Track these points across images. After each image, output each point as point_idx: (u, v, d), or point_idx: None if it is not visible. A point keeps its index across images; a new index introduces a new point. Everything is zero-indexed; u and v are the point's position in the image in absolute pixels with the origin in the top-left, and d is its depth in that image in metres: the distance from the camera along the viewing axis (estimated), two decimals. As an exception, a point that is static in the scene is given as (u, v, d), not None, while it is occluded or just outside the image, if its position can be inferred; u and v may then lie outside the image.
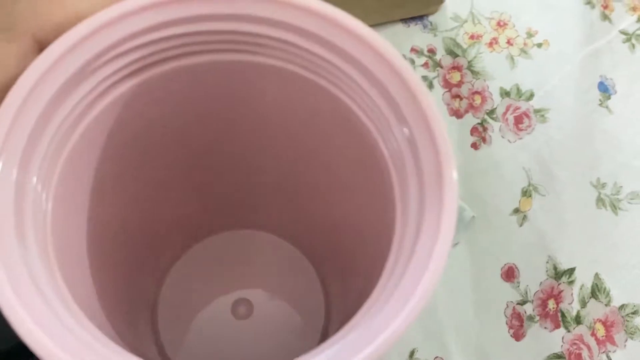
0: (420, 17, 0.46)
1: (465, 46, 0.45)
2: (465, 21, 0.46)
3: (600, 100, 0.44)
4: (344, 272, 0.32)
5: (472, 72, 0.44)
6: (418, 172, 0.19)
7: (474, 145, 0.42)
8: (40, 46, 0.19)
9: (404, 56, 0.45)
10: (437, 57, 0.45)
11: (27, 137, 0.18)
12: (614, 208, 0.41)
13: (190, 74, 0.23)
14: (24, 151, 0.18)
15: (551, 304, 0.38)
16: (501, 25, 0.46)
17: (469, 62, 0.45)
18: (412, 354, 0.36)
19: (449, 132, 0.24)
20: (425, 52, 0.45)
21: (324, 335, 0.34)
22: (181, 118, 0.25)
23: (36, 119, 0.19)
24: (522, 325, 0.37)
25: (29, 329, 0.16)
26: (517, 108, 0.43)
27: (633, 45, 0.46)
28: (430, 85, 0.44)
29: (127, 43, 0.20)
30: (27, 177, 0.19)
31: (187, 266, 0.35)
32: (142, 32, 0.20)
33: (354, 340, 0.17)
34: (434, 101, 0.20)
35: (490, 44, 0.46)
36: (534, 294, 0.38)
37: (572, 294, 0.38)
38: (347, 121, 0.23)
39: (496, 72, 0.45)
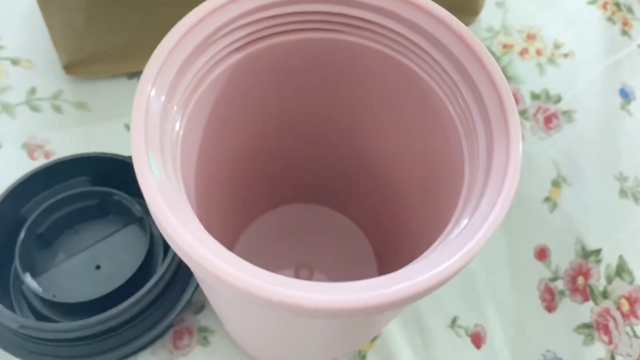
0: (458, 28, 0.51)
1: (498, 54, 0.50)
2: (499, 32, 0.51)
3: (621, 104, 0.48)
4: (398, 244, 0.36)
5: (506, 77, 0.49)
6: (483, 116, 0.24)
7: (508, 142, 0.47)
8: None
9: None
10: (473, 63, 0.50)
11: (172, 76, 0.23)
12: (636, 199, 0.45)
13: (288, 49, 0.27)
14: (170, 85, 0.23)
15: (580, 280, 0.41)
16: (531, 37, 0.51)
17: (502, 68, 0.49)
18: (454, 320, 0.40)
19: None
20: (462, 59, 0.50)
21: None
22: (275, 88, 0.30)
23: (180, 63, 0.23)
24: (553, 299, 0.41)
25: (164, 213, 0.20)
26: (547, 109, 0.48)
27: (651, 58, 0.51)
28: (467, 88, 0.49)
29: (240, 20, 0.25)
30: (170, 105, 0.23)
31: (257, 231, 0.39)
32: (252, 11, 0.25)
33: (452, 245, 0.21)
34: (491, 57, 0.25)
35: (521, 53, 0.50)
36: (564, 272, 0.42)
37: (599, 272, 0.42)
38: (417, 88, 0.27)
39: (527, 77, 0.49)
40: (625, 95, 0.49)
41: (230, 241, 0.38)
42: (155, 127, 0.22)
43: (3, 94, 0.45)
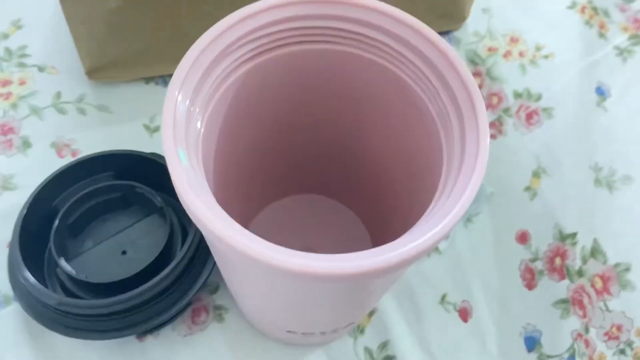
0: (446, 32, 0.55)
1: (484, 57, 0.54)
2: (484, 37, 0.55)
3: (597, 101, 0.53)
4: (384, 222, 0.40)
5: (490, 77, 0.53)
6: (457, 113, 0.28)
7: (493, 137, 0.51)
8: None
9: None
10: (461, 65, 0.54)
11: (195, 83, 0.27)
12: (609, 187, 0.49)
13: (291, 59, 0.32)
14: (194, 91, 0.27)
15: (557, 260, 0.46)
16: (514, 40, 0.56)
17: (487, 69, 0.54)
18: (443, 297, 0.44)
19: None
20: (451, 61, 0.54)
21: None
22: (282, 93, 0.34)
23: (202, 72, 0.28)
24: (533, 278, 0.45)
25: (192, 200, 0.25)
26: (528, 107, 0.52)
27: (625, 59, 0.55)
28: (455, 88, 0.53)
29: (250, 35, 0.30)
30: (194, 107, 0.28)
31: (265, 218, 0.43)
32: (260, 27, 0.30)
33: (435, 217, 0.26)
34: (464, 63, 0.29)
35: (505, 55, 0.55)
36: (543, 253, 0.46)
37: (575, 253, 0.46)
38: (402, 90, 0.31)
39: (510, 78, 0.54)
40: (602, 92, 0.53)
41: (243, 225, 0.42)
42: (182, 127, 0.27)
43: (31, 98, 0.49)
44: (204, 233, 0.26)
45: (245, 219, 0.43)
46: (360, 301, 0.35)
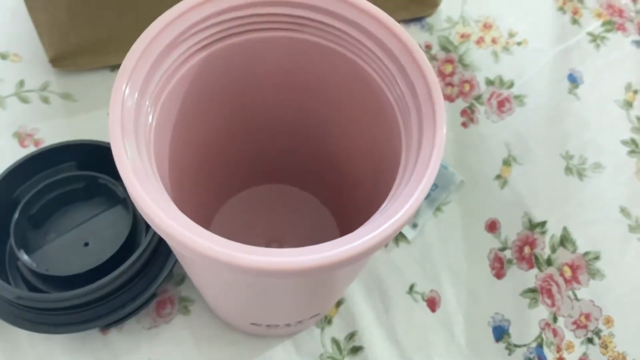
0: (419, 19, 0.55)
1: (456, 43, 0.54)
2: (457, 23, 0.55)
3: (569, 88, 0.52)
4: (350, 210, 0.40)
5: (462, 64, 0.53)
6: (415, 102, 0.28)
7: (464, 125, 0.51)
8: None
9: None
10: (433, 51, 0.53)
11: (145, 75, 0.27)
12: (580, 175, 0.49)
13: (248, 47, 0.31)
14: (143, 83, 0.27)
15: (526, 249, 0.46)
16: (487, 27, 0.55)
17: (459, 56, 0.53)
18: (412, 287, 0.44)
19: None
20: (423, 48, 0.53)
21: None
22: (239, 84, 0.33)
23: (150, 64, 0.27)
24: (502, 267, 0.45)
25: (139, 193, 0.24)
26: (500, 94, 0.52)
27: (598, 45, 0.55)
28: (427, 75, 0.52)
29: (203, 23, 0.29)
30: (143, 100, 0.27)
31: (229, 211, 0.43)
32: (214, 14, 0.29)
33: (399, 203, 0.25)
34: (424, 54, 0.28)
35: (478, 42, 0.54)
36: (512, 242, 0.46)
37: (544, 242, 0.46)
38: (362, 80, 0.31)
39: (482, 65, 0.53)
40: (574, 79, 0.53)
41: (205, 221, 0.41)
42: (130, 120, 0.26)
43: (-6, 87, 0.48)
44: (152, 227, 0.25)
45: (208, 212, 0.42)
46: (324, 293, 0.34)
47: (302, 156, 0.40)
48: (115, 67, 0.50)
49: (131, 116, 0.26)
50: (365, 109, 0.32)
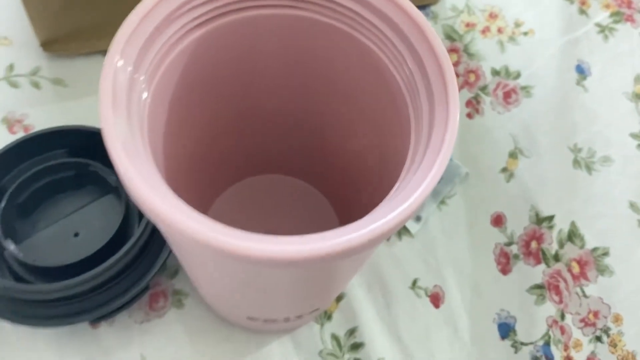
0: (423, 7, 0.53)
1: (461, 32, 0.52)
2: (462, 12, 0.53)
3: (577, 80, 0.51)
4: (357, 208, 0.39)
5: (468, 54, 0.51)
6: (425, 82, 0.26)
7: (469, 115, 0.49)
8: None
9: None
10: (437, 41, 0.52)
11: (140, 47, 0.25)
12: (589, 169, 0.47)
13: (247, 25, 0.29)
14: (137, 56, 0.25)
15: (533, 244, 0.44)
16: (493, 16, 0.53)
17: (465, 45, 0.52)
18: (414, 282, 0.42)
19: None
20: (427, 37, 0.52)
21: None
22: (239, 64, 0.31)
23: (146, 37, 0.25)
24: (508, 262, 0.44)
25: (129, 171, 0.22)
26: (506, 85, 0.50)
27: (606, 36, 0.53)
28: (431, 65, 0.51)
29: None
30: (138, 74, 0.25)
31: (227, 200, 0.41)
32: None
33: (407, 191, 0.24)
34: (435, 32, 0.27)
35: (483, 32, 0.53)
36: (519, 237, 0.44)
37: (551, 237, 0.44)
38: (368, 58, 0.29)
39: (488, 55, 0.51)
40: (581, 71, 0.51)
41: (202, 209, 0.40)
42: (122, 96, 0.24)
43: (-18, 71, 0.46)
44: (142, 210, 0.23)
45: (205, 201, 0.40)
46: (324, 285, 0.33)
47: (303, 144, 0.39)
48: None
49: (124, 90, 0.24)
50: (372, 92, 0.30)
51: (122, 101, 0.24)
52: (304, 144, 0.39)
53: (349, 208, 0.39)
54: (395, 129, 0.29)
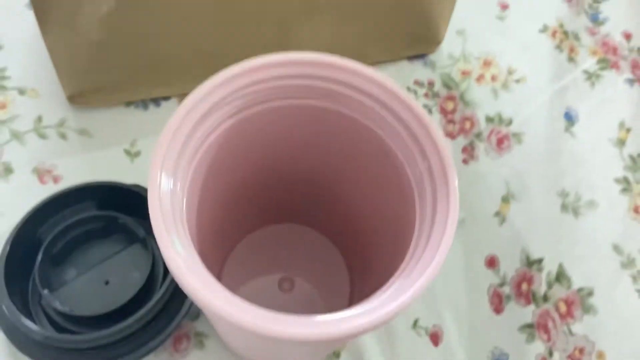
0: (421, 56, 0.57)
1: (457, 80, 0.56)
2: (458, 60, 0.57)
3: (565, 127, 0.55)
4: (365, 262, 0.42)
5: (464, 101, 0.55)
6: (432, 184, 0.30)
7: (464, 161, 0.53)
8: None
9: (408, 88, 0.56)
10: (435, 88, 0.55)
11: (176, 156, 0.29)
12: (575, 213, 0.51)
13: (271, 112, 0.33)
14: (174, 165, 0.28)
15: (524, 286, 0.48)
16: (487, 64, 0.57)
17: (461, 93, 0.55)
18: (415, 322, 0.46)
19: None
20: (426, 84, 0.55)
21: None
22: (262, 143, 0.35)
23: (181, 144, 0.29)
24: (501, 302, 0.48)
25: (196, 289, 0.26)
26: (499, 132, 0.54)
27: (593, 83, 0.57)
28: (430, 112, 0.54)
29: (235, 94, 0.31)
30: (176, 185, 0.29)
31: (244, 248, 0.45)
32: (240, 88, 0.31)
33: (400, 286, 0.27)
34: (445, 141, 0.30)
35: (478, 79, 0.56)
36: (511, 278, 0.48)
37: (541, 278, 0.48)
38: (383, 153, 0.33)
39: (482, 102, 0.55)
40: (570, 118, 0.55)
41: (222, 257, 0.44)
42: (168, 209, 0.27)
43: (12, 122, 0.50)
44: (185, 292, 0.27)
45: (225, 251, 0.44)
46: (336, 345, 0.37)
47: (319, 206, 0.42)
48: (129, 103, 0.51)
49: (168, 204, 0.28)
50: (383, 177, 0.34)
51: (169, 214, 0.27)
52: (320, 206, 0.42)
53: (360, 264, 0.43)
54: (401, 209, 0.33)
